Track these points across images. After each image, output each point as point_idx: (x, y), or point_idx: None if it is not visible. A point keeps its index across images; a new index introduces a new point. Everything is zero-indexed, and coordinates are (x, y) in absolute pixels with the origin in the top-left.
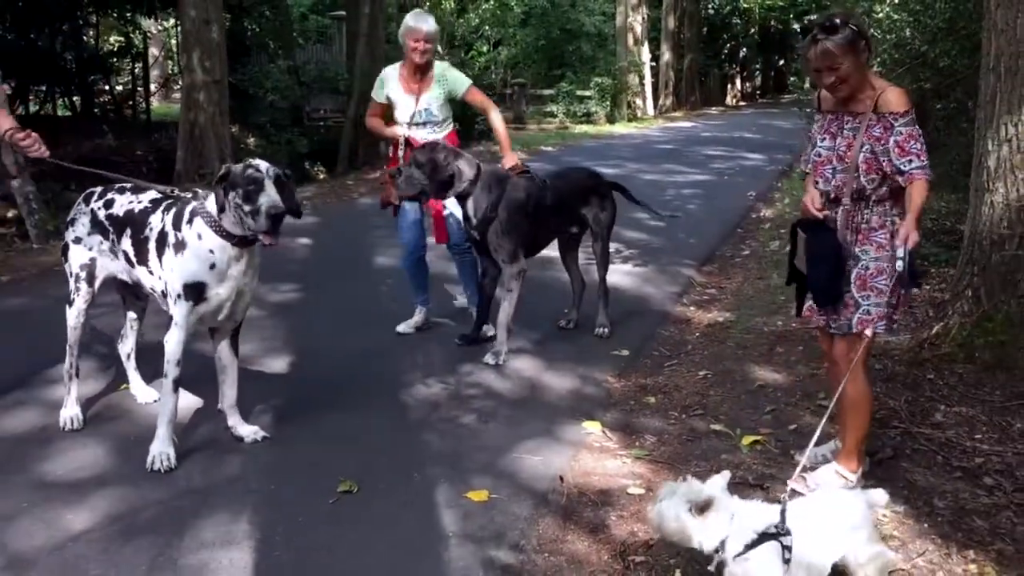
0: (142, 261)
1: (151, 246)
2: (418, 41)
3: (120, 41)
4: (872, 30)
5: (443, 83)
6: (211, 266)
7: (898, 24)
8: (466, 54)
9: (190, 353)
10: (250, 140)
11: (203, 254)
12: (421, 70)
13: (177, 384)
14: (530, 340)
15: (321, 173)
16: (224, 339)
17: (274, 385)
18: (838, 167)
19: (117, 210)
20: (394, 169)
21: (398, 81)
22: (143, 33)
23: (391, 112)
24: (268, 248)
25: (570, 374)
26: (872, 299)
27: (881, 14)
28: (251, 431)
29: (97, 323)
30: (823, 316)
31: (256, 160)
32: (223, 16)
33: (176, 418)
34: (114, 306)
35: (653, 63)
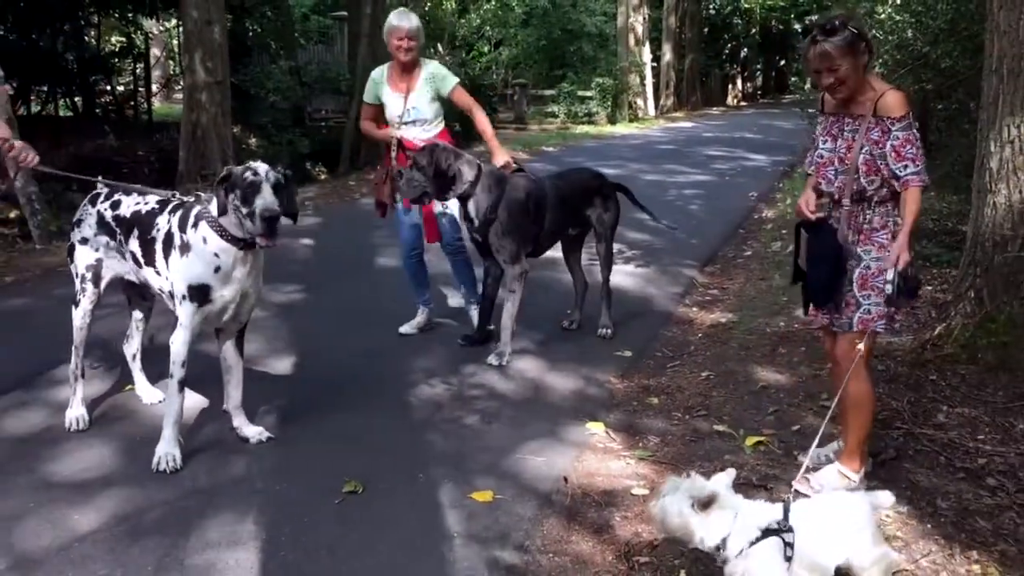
0: (149, 262)
1: (158, 247)
2: (401, 39)
3: (121, 41)
4: (874, 31)
5: (430, 81)
6: (216, 269)
7: (900, 25)
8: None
9: (195, 354)
10: (251, 140)
11: (208, 257)
12: (408, 69)
13: (183, 385)
14: (533, 341)
15: (323, 173)
16: (229, 340)
17: (278, 386)
18: (839, 169)
19: (124, 211)
20: (396, 172)
21: (387, 81)
22: (144, 34)
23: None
24: (264, 248)
25: (573, 375)
26: (873, 298)
27: (883, 15)
28: (256, 432)
29: (102, 324)
30: (827, 315)
31: (256, 163)
32: (225, 16)
33: (182, 419)
34: (119, 307)
35: (654, 63)
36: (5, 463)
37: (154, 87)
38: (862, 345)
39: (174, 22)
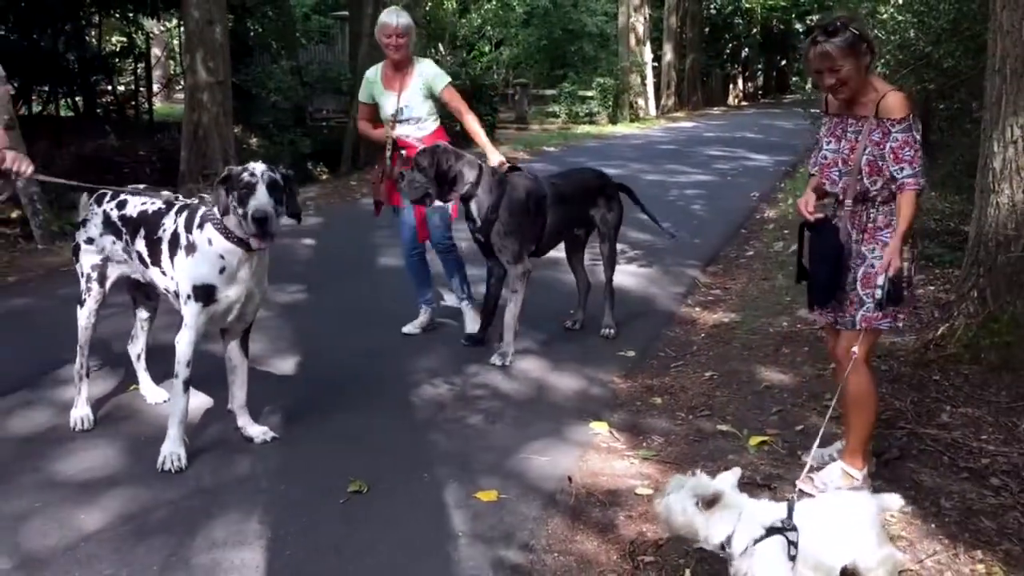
0: (156, 262)
1: (164, 247)
2: (390, 36)
3: (122, 41)
4: (876, 31)
5: (423, 79)
6: (221, 270)
7: (902, 25)
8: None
9: (199, 354)
10: (252, 140)
11: (213, 258)
12: (401, 67)
13: (188, 385)
14: (536, 341)
15: (324, 173)
16: (234, 340)
17: (282, 385)
18: (843, 170)
19: (130, 211)
20: (397, 174)
21: (381, 80)
22: (146, 34)
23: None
24: (259, 250)
25: (576, 375)
26: None
27: (885, 15)
28: (260, 431)
29: (106, 324)
30: (830, 313)
31: (254, 163)
32: (226, 16)
33: (187, 419)
34: (124, 307)
35: (655, 63)
36: (11, 463)
37: (155, 87)
38: (856, 347)
39: (175, 22)
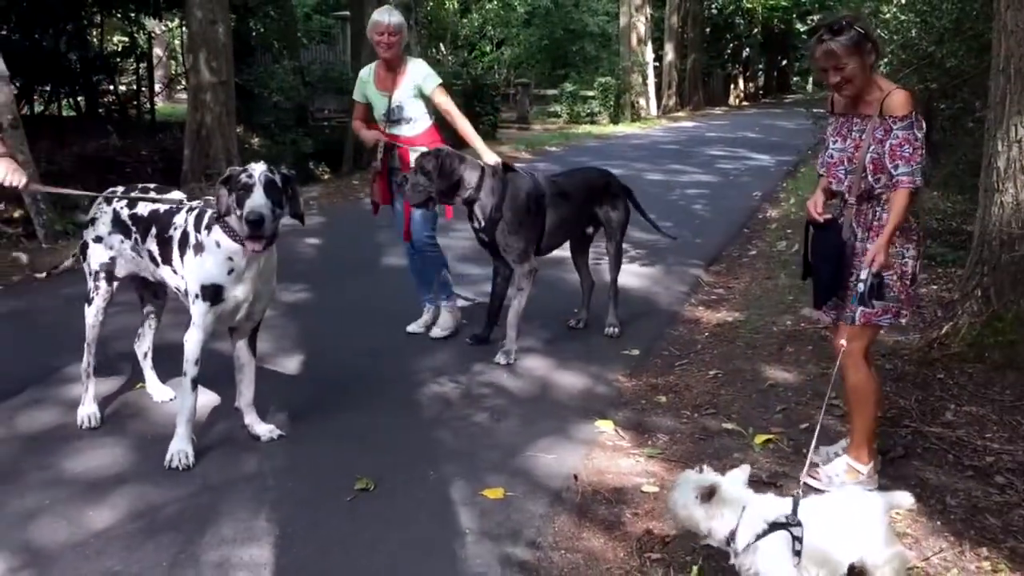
0: (166, 260)
1: (174, 246)
2: (382, 35)
3: (124, 41)
4: (879, 31)
5: (414, 79)
6: (229, 271)
7: (905, 25)
8: (469, 54)
9: (207, 352)
10: (254, 140)
11: (221, 259)
12: (393, 67)
13: (196, 383)
14: (540, 339)
15: (326, 173)
16: (243, 339)
17: (287, 384)
18: (848, 168)
19: (141, 210)
20: (401, 177)
21: (373, 80)
22: (147, 33)
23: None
24: (255, 252)
25: (581, 373)
26: None
27: (888, 15)
28: (267, 429)
29: (112, 322)
30: (834, 311)
31: (255, 164)
32: (229, 16)
33: (195, 417)
34: (129, 305)
35: (656, 63)
36: (19, 460)
37: (157, 87)
38: (844, 340)
39: (176, 22)
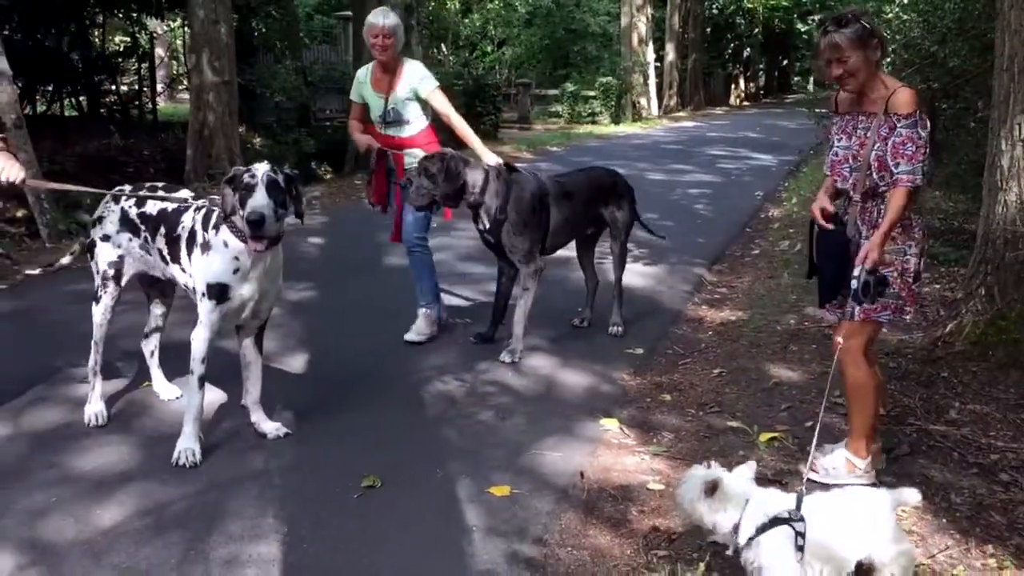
0: (175, 259)
1: (182, 244)
2: (376, 37)
3: (126, 41)
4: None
5: (410, 82)
6: (235, 270)
7: (907, 24)
8: (471, 54)
9: (213, 350)
10: (256, 140)
11: (228, 258)
12: (390, 69)
13: (203, 381)
14: (545, 338)
15: (328, 173)
16: (249, 337)
17: (293, 382)
18: (853, 165)
19: (150, 208)
20: (405, 179)
21: (370, 81)
22: (149, 34)
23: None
24: (257, 252)
25: (586, 372)
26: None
27: (890, 14)
28: (274, 427)
29: (119, 320)
30: (839, 310)
31: (258, 164)
32: (231, 16)
33: (202, 415)
34: (136, 303)
35: (657, 63)
36: (26, 459)
37: (158, 87)
38: (841, 337)
39: (178, 22)
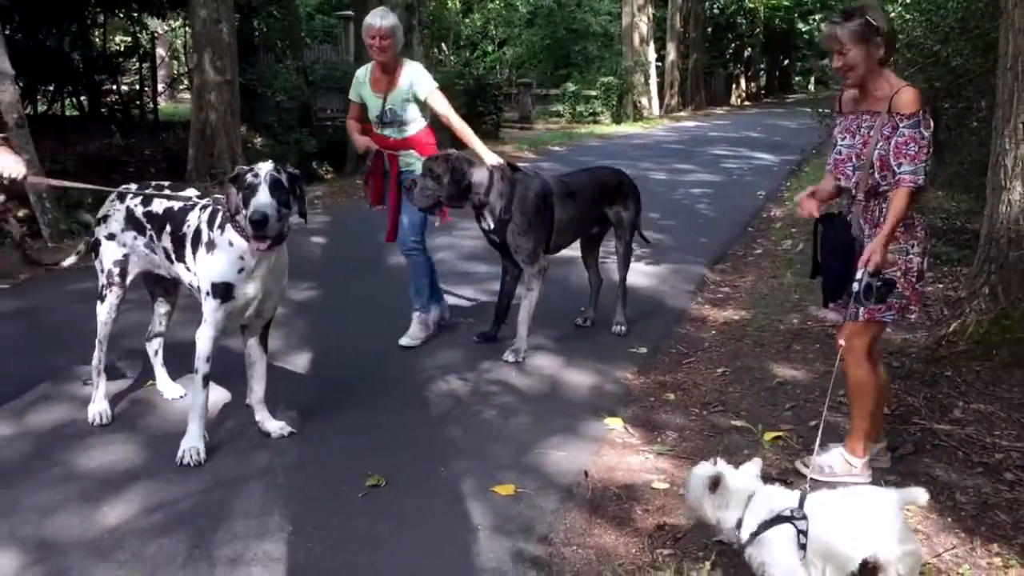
0: (180, 258)
1: (188, 243)
2: (374, 38)
3: (126, 41)
4: None
5: (408, 83)
6: (240, 270)
7: (910, 24)
8: (472, 54)
9: (217, 349)
10: (257, 140)
11: (233, 258)
12: (389, 69)
13: (207, 380)
14: (548, 338)
15: (329, 172)
16: (254, 336)
17: (297, 382)
18: (856, 164)
19: (156, 207)
20: (410, 181)
21: (368, 81)
22: (150, 33)
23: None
24: (260, 251)
25: (589, 371)
26: None
27: (893, 14)
28: (278, 426)
29: (123, 319)
30: (843, 308)
31: (262, 163)
32: (233, 15)
33: (207, 414)
34: (140, 302)
35: (658, 63)
36: (31, 457)
37: (159, 87)
38: (843, 340)
39: (179, 22)
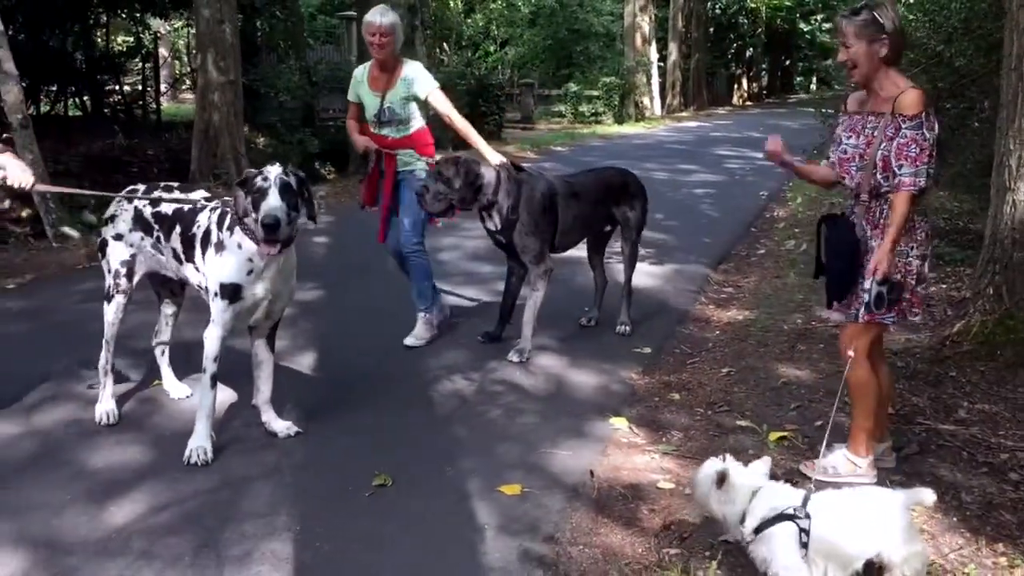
0: (189, 258)
1: (197, 244)
2: (373, 35)
3: (129, 41)
4: None
5: (407, 82)
6: (248, 271)
7: (913, 24)
8: (474, 54)
9: (224, 349)
10: (260, 140)
11: (242, 260)
12: (387, 68)
13: (215, 380)
14: (553, 338)
15: (332, 173)
16: (261, 337)
17: (303, 382)
18: (859, 164)
19: (165, 208)
20: (422, 186)
21: (367, 80)
22: (153, 33)
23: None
24: (270, 255)
25: (594, 371)
26: None
27: None
28: (285, 426)
29: (130, 319)
30: (847, 308)
31: (270, 167)
32: (236, 16)
33: (214, 414)
34: (147, 302)
35: (660, 63)
36: (39, 457)
37: (162, 87)
38: (852, 351)
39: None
